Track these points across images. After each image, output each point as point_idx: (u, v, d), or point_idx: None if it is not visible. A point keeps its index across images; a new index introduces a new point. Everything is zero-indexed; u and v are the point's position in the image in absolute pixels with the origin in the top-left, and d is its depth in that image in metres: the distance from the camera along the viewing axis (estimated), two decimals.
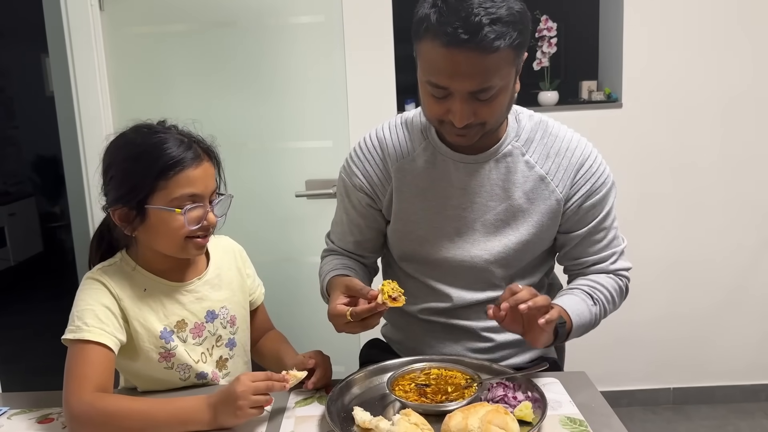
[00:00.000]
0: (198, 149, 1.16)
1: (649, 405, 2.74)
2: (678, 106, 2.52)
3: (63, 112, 2.50)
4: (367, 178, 1.34)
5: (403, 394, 1.10)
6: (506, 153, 1.27)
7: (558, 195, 1.27)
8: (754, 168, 2.56)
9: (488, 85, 1.08)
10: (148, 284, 1.21)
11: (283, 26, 2.21)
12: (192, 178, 1.13)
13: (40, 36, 2.53)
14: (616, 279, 1.35)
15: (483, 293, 1.34)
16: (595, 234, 1.31)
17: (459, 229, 1.30)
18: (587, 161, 1.27)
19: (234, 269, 1.34)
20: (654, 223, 2.59)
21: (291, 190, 2.23)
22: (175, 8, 2.20)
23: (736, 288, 2.66)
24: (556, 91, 2.57)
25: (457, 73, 1.07)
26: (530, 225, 1.28)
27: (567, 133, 1.30)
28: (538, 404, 1.06)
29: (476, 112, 1.12)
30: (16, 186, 5.50)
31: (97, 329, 1.11)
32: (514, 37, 1.05)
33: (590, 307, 1.28)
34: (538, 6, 2.48)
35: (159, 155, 1.11)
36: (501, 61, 1.07)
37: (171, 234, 1.15)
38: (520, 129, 1.28)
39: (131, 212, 1.14)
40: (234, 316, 1.30)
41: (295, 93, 2.25)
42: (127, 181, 1.13)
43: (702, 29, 2.47)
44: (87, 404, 1.05)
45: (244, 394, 1.03)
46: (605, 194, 1.29)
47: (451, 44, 1.04)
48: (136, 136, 1.15)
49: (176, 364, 1.22)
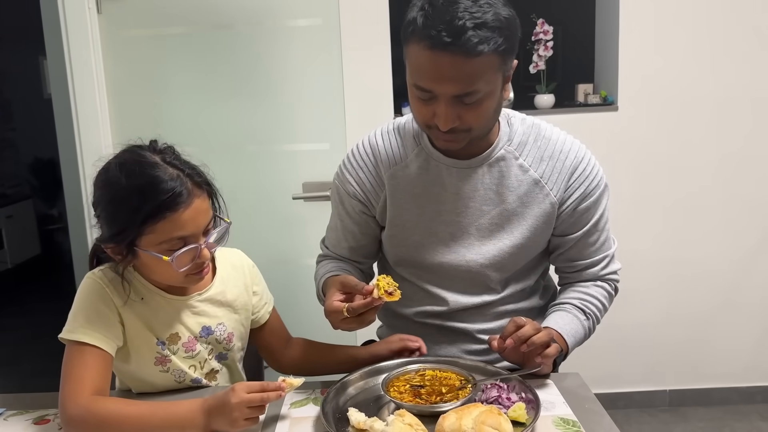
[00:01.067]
0: (189, 185, 1.08)
1: (646, 407, 2.74)
2: (674, 108, 2.53)
3: (60, 114, 2.51)
4: (360, 186, 1.35)
5: (397, 395, 1.11)
6: (499, 157, 1.27)
7: (552, 198, 1.28)
8: (750, 170, 2.58)
9: (472, 89, 1.08)
10: (146, 294, 1.19)
11: (280, 29, 2.22)
12: (181, 222, 1.07)
13: (38, 38, 2.54)
14: (605, 285, 1.37)
15: (479, 297, 1.35)
16: (589, 237, 1.33)
17: (454, 233, 1.31)
18: (581, 164, 1.28)
19: (241, 286, 1.30)
20: (650, 226, 2.60)
21: (288, 192, 2.24)
22: (172, 11, 2.21)
23: (733, 290, 2.67)
24: (553, 94, 2.58)
25: (441, 76, 1.08)
26: (525, 229, 1.29)
27: (560, 136, 1.30)
28: (531, 405, 1.07)
29: (461, 117, 1.12)
30: (14, 188, 5.50)
31: (94, 332, 1.11)
32: (499, 43, 1.06)
33: (583, 322, 1.31)
34: (535, 9, 2.49)
35: (145, 200, 1.05)
36: (485, 66, 1.07)
37: (164, 273, 1.13)
38: (512, 133, 1.28)
39: (122, 250, 1.11)
40: (231, 333, 1.27)
41: (292, 95, 2.25)
42: (114, 223, 1.09)
43: (697, 32, 2.48)
44: (82, 408, 1.05)
45: (239, 407, 1.01)
46: (599, 196, 1.30)
47: (435, 47, 1.05)
48: (121, 174, 1.07)
49: (172, 369, 1.22)
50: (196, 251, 1.11)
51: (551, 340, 1.16)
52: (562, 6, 3.34)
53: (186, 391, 1.23)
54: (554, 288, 1.51)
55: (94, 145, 2.22)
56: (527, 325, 1.13)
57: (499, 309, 1.36)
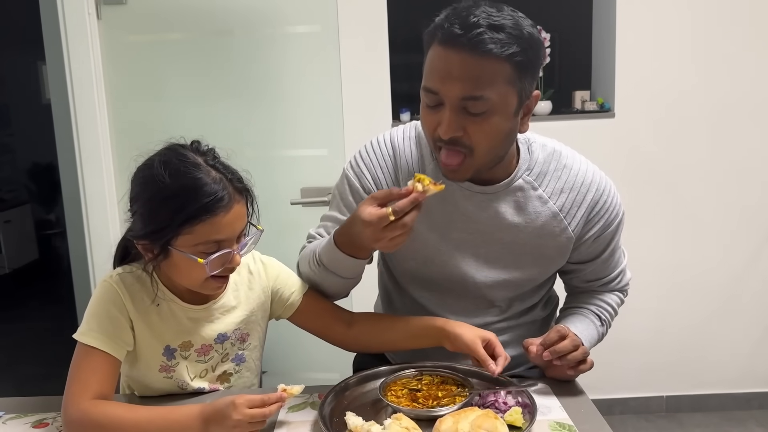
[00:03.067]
0: (231, 190, 1.09)
1: (642, 413, 2.75)
2: (670, 115, 2.54)
3: (60, 119, 2.51)
4: (376, 184, 1.28)
5: (395, 399, 1.12)
6: (517, 187, 1.22)
7: (570, 234, 1.24)
8: (746, 177, 2.59)
9: (479, 94, 1.04)
10: (162, 300, 1.18)
11: (279, 35, 2.23)
12: (219, 226, 1.07)
13: (37, 43, 2.55)
14: (620, 294, 1.40)
15: (482, 318, 1.33)
16: (605, 262, 1.33)
17: (464, 254, 1.27)
18: (602, 197, 1.25)
19: (257, 289, 1.28)
20: (646, 233, 2.61)
21: (286, 197, 2.24)
22: (171, 17, 2.22)
23: (729, 296, 2.68)
24: (550, 101, 2.59)
25: (448, 74, 1.05)
26: (536, 260, 1.27)
27: (581, 166, 1.25)
28: (527, 409, 1.07)
29: (465, 128, 1.08)
30: (12, 193, 5.50)
31: (104, 336, 1.12)
32: (514, 51, 1.02)
33: (598, 328, 1.32)
34: (532, 17, 2.50)
35: (187, 201, 1.05)
36: (495, 72, 1.03)
37: (193, 276, 1.12)
38: (532, 161, 1.23)
39: (155, 248, 1.10)
40: (246, 333, 1.27)
41: (291, 101, 2.26)
42: (152, 221, 1.08)
43: (694, 39, 2.50)
44: (82, 412, 1.06)
45: (240, 423, 1.00)
46: (617, 226, 1.29)
47: (446, 41, 1.03)
48: (165, 173, 1.06)
49: (176, 377, 1.22)
50: (229, 256, 1.11)
51: (586, 356, 1.17)
52: (560, 13, 3.36)
53: (189, 397, 1.23)
54: (556, 298, 1.49)
55: (93, 150, 2.23)
56: (567, 339, 1.15)
57: (501, 325, 1.35)
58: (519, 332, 1.36)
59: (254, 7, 2.21)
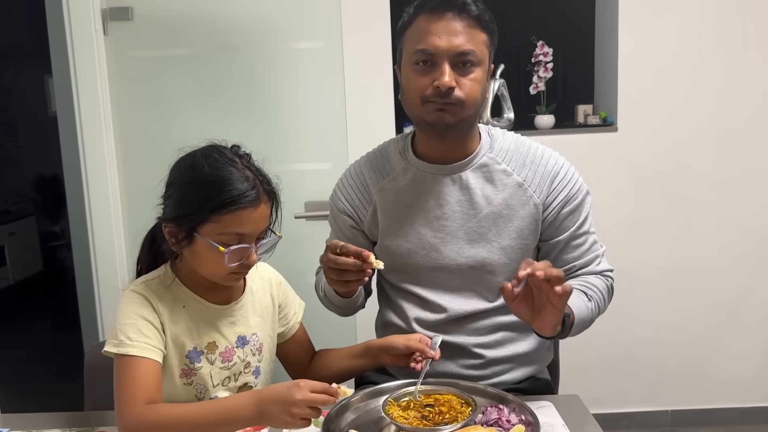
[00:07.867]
0: (260, 190, 1.17)
1: (648, 427, 2.73)
2: (673, 129, 2.55)
3: (65, 132, 2.53)
4: (349, 201, 1.44)
5: (399, 417, 1.11)
6: (482, 164, 1.35)
7: (536, 200, 1.34)
8: (751, 189, 2.59)
9: (470, 49, 1.22)
10: (187, 301, 1.23)
11: (284, 51, 2.25)
12: (244, 219, 1.14)
13: (44, 57, 2.57)
14: (603, 279, 1.40)
15: (472, 304, 1.37)
16: (577, 239, 1.37)
17: (443, 238, 1.35)
18: (561, 170, 1.35)
19: (268, 297, 1.35)
20: (650, 246, 2.61)
21: (290, 211, 2.25)
22: (177, 33, 2.24)
23: (734, 310, 2.67)
24: (553, 115, 2.60)
25: (445, 33, 1.22)
26: (512, 230, 1.34)
27: (540, 146, 1.38)
28: (531, 427, 1.07)
29: (458, 83, 1.23)
30: (17, 205, 5.52)
31: (141, 343, 1.14)
32: (488, 19, 1.25)
33: (586, 302, 1.31)
34: (535, 32, 2.52)
35: (220, 190, 1.13)
36: (477, 36, 1.24)
37: (212, 265, 1.17)
38: (493, 142, 1.37)
39: (181, 233, 1.16)
40: (262, 344, 1.31)
41: (295, 116, 2.28)
42: (184, 205, 1.16)
43: (697, 53, 2.51)
44: (138, 417, 1.08)
45: (302, 404, 1.01)
46: (581, 200, 1.36)
47: (435, 10, 1.23)
48: (205, 163, 1.16)
49: (196, 382, 1.23)
50: (247, 251, 1.16)
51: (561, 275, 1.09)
52: (562, 28, 3.38)
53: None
54: None
55: (98, 162, 2.24)
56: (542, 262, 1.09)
57: (495, 320, 1.38)
58: (513, 329, 1.39)
59: (259, 23, 2.23)
